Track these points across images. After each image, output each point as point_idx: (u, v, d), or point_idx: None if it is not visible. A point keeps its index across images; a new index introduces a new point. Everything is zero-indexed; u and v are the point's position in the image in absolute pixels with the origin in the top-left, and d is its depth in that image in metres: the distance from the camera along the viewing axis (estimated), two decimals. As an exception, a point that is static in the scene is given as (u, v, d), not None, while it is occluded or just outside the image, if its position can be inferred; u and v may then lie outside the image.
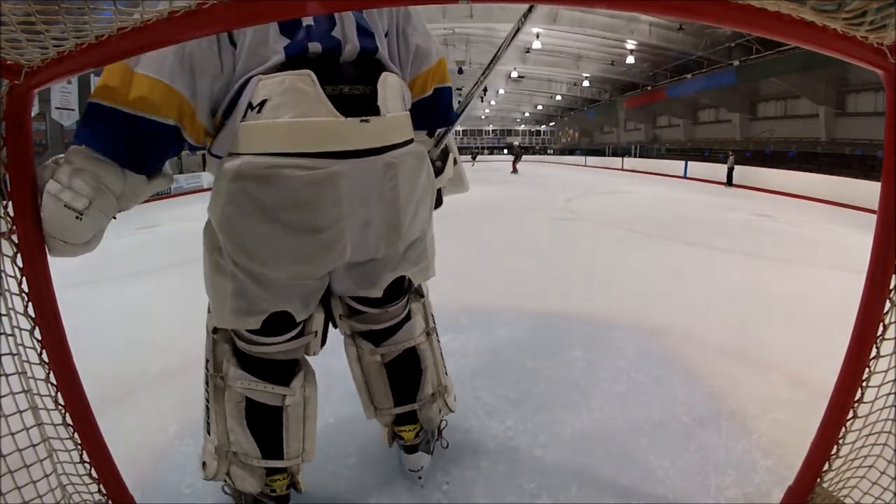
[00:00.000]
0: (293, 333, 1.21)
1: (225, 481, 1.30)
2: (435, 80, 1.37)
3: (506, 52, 1.42)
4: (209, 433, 1.26)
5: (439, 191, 1.48)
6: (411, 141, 1.18)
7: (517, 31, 1.27)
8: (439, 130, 1.39)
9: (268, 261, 1.05)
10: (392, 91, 1.12)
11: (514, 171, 18.54)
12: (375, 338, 1.38)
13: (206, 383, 1.27)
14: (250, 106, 0.99)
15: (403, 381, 1.42)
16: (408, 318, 1.40)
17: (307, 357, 1.36)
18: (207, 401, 1.27)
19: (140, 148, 0.99)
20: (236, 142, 1.01)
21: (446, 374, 1.56)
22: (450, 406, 1.52)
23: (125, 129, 0.96)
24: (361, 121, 1.01)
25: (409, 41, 1.28)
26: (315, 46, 1.03)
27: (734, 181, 13.62)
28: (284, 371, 1.26)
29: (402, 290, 1.33)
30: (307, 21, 1.05)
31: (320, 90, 0.98)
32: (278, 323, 1.15)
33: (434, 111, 1.37)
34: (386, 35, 1.22)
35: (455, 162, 1.50)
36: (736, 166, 13.60)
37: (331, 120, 0.98)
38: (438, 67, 1.39)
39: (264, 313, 1.11)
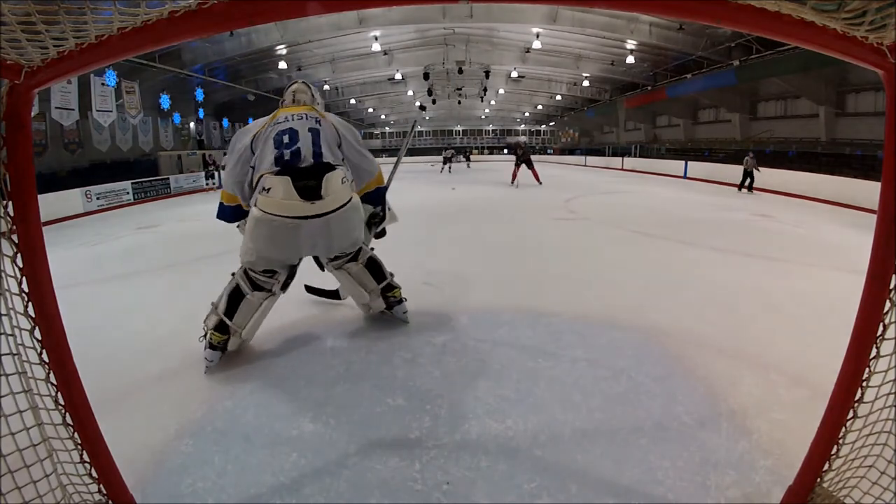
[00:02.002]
0: (269, 276, 2.42)
1: (205, 323, 2.41)
2: (376, 184, 2.63)
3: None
4: (218, 298, 2.43)
5: (383, 227, 2.86)
6: (347, 202, 2.29)
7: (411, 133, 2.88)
8: (378, 209, 2.75)
9: (264, 249, 2.32)
10: (333, 181, 2.22)
11: (515, 180, 12.85)
12: (352, 261, 2.63)
13: (232, 276, 2.46)
14: (263, 188, 2.19)
15: (376, 270, 2.70)
16: (357, 251, 2.63)
17: (275, 291, 2.47)
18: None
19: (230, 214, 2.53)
20: (258, 202, 2.21)
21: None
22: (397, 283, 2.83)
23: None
24: (311, 203, 2.17)
25: (358, 167, 2.51)
26: (286, 153, 2.22)
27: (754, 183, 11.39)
28: (260, 287, 2.41)
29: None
30: (286, 141, 2.24)
31: (292, 186, 2.15)
32: (266, 271, 2.41)
33: (375, 199, 2.67)
34: (339, 146, 2.39)
35: (390, 211, 2.86)
36: (741, 167, 12.96)
37: (296, 203, 2.16)
38: (378, 177, 2.64)
39: (261, 264, 2.38)
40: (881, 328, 1.07)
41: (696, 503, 1.42)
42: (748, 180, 11.65)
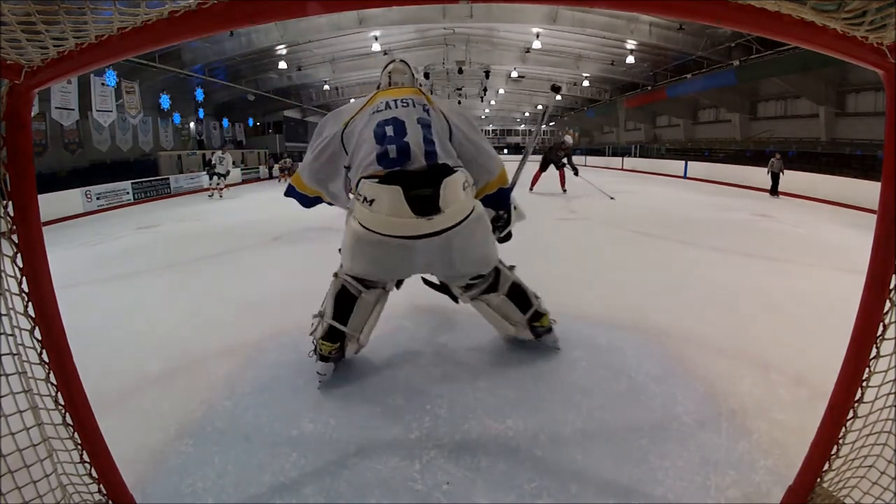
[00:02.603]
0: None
1: (312, 335, 2.15)
2: (498, 184, 2.14)
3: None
4: (322, 305, 2.15)
5: (508, 230, 2.36)
6: (470, 213, 1.83)
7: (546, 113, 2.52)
8: (502, 212, 2.28)
9: (368, 269, 1.99)
10: (452, 189, 1.74)
11: (563, 187, 10.21)
12: (490, 291, 2.20)
13: (334, 277, 2.12)
14: (365, 200, 1.75)
15: (521, 298, 2.24)
16: (496, 276, 2.18)
17: (389, 288, 2.18)
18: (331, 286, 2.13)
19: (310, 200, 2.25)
20: (357, 214, 1.82)
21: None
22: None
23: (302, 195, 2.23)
24: (427, 219, 1.69)
25: (475, 164, 2.00)
26: (392, 149, 1.75)
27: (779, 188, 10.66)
28: (373, 286, 2.05)
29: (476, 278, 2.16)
30: (389, 133, 1.79)
31: (403, 198, 1.67)
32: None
33: (497, 202, 2.18)
34: (450, 138, 1.92)
35: (516, 210, 2.35)
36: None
37: (409, 221, 1.69)
38: (500, 176, 2.14)
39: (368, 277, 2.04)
40: (881, 328, 1.07)
41: (695, 503, 1.42)
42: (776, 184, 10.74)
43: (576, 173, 9.99)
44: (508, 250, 2.49)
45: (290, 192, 2.21)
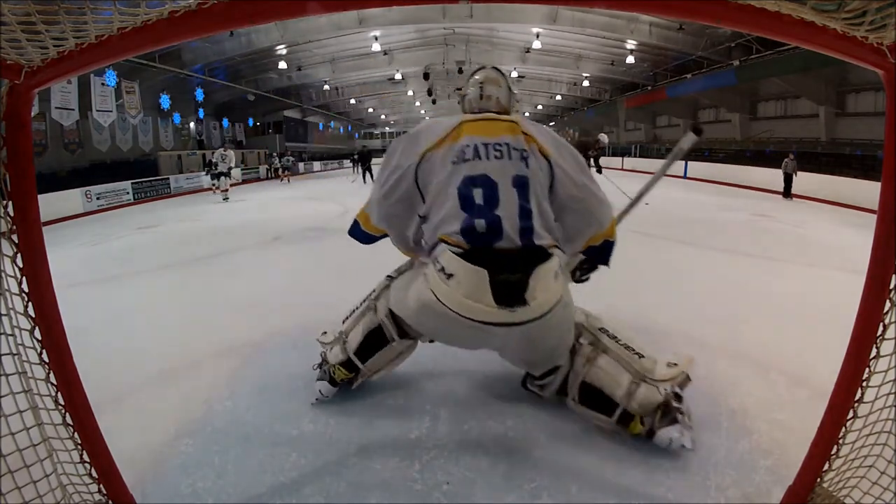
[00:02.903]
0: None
1: (322, 348, 2.08)
2: (605, 236, 1.71)
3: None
4: (343, 322, 2.01)
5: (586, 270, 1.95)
6: (554, 306, 1.48)
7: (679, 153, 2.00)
8: (587, 268, 1.92)
9: (430, 332, 1.78)
10: (543, 280, 1.43)
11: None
12: (560, 392, 1.81)
13: (366, 299, 1.98)
14: (443, 270, 1.44)
15: (597, 400, 1.72)
16: (566, 375, 1.77)
17: (425, 340, 1.93)
18: (359, 306, 1.99)
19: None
20: (431, 281, 1.49)
21: (638, 356, 1.74)
22: (658, 379, 1.70)
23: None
24: (510, 310, 1.40)
25: (583, 215, 1.62)
26: (480, 223, 1.43)
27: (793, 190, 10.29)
28: (409, 336, 1.88)
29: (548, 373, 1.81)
30: (478, 200, 1.46)
31: (487, 284, 1.39)
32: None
33: (601, 255, 1.78)
34: (552, 187, 1.55)
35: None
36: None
37: (490, 309, 1.39)
38: (610, 227, 1.71)
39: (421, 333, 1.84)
40: (881, 328, 1.07)
41: (695, 503, 1.42)
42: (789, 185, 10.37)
43: (599, 171, 10.21)
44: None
45: (355, 232, 1.83)
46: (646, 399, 1.65)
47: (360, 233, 1.81)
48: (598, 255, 1.78)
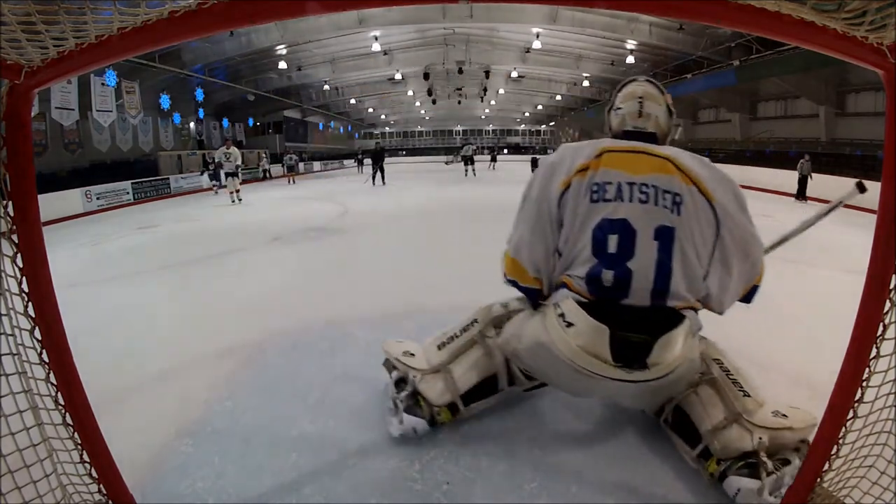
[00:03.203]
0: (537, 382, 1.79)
1: (394, 367, 1.90)
2: (755, 282, 1.51)
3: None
4: (439, 348, 1.81)
5: None
6: (677, 368, 1.35)
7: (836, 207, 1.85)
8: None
9: (542, 375, 1.67)
10: (669, 347, 1.30)
11: None
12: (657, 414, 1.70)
13: (469, 328, 1.82)
14: (563, 317, 1.35)
15: (686, 429, 1.57)
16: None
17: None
18: (458, 335, 1.82)
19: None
20: (549, 325, 1.41)
21: (743, 394, 1.53)
22: (755, 423, 1.46)
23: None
24: (628, 371, 1.29)
25: (745, 257, 1.42)
26: (608, 275, 1.30)
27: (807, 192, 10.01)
28: (512, 383, 1.80)
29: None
30: (611, 248, 1.31)
31: (607, 341, 1.28)
32: None
33: (746, 300, 1.54)
34: (717, 234, 1.36)
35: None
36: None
37: (606, 366, 1.30)
38: (760, 276, 1.52)
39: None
40: (881, 328, 1.07)
41: (695, 503, 1.42)
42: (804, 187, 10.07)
43: None
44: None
45: (517, 289, 1.55)
46: (730, 442, 1.44)
47: (524, 290, 1.53)
48: (743, 299, 1.54)
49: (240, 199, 10.39)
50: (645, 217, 1.31)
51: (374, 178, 13.82)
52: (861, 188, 1.81)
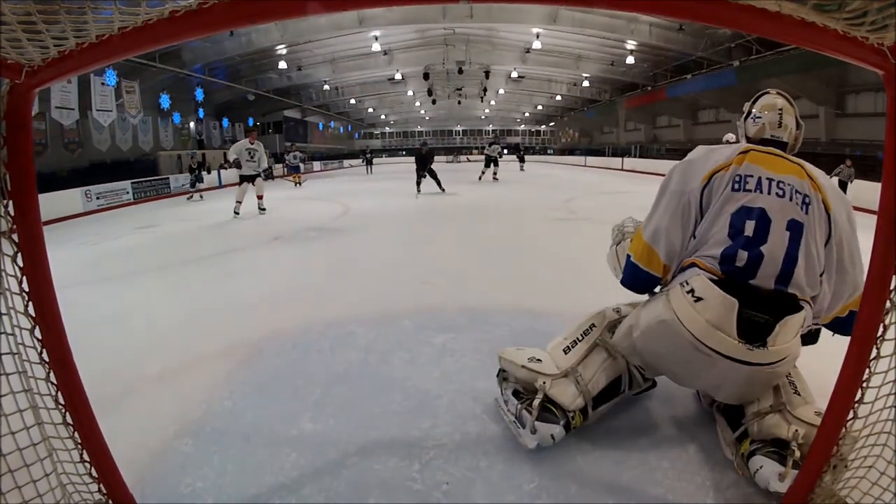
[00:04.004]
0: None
1: (506, 378, 1.89)
2: (853, 306, 1.52)
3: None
4: (565, 352, 1.80)
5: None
6: (786, 357, 1.41)
7: None
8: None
9: (651, 361, 1.67)
10: (789, 330, 1.39)
11: None
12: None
13: (589, 332, 1.82)
14: (692, 292, 1.42)
15: (732, 411, 1.65)
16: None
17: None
18: (581, 338, 1.82)
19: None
20: (674, 302, 1.46)
21: (794, 391, 1.57)
22: (795, 415, 1.49)
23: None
24: (748, 348, 1.37)
25: (846, 273, 1.51)
26: (742, 255, 1.41)
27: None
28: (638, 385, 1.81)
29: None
30: (747, 232, 1.43)
31: (735, 315, 1.37)
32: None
33: (841, 327, 1.59)
34: (827, 243, 1.48)
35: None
36: None
37: (729, 340, 1.37)
38: (859, 297, 1.50)
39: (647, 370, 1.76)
40: (881, 328, 1.07)
41: (695, 503, 1.42)
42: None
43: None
44: (509, 250, 2.47)
45: (634, 280, 1.69)
46: (768, 427, 1.50)
47: (642, 276, 1.64)
48: (839, 327, 1.59)
49: (263, 209, 8.14)
50: (780, 209, 1.44)
51: (419, 184, 10.89)
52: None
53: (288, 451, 1.67)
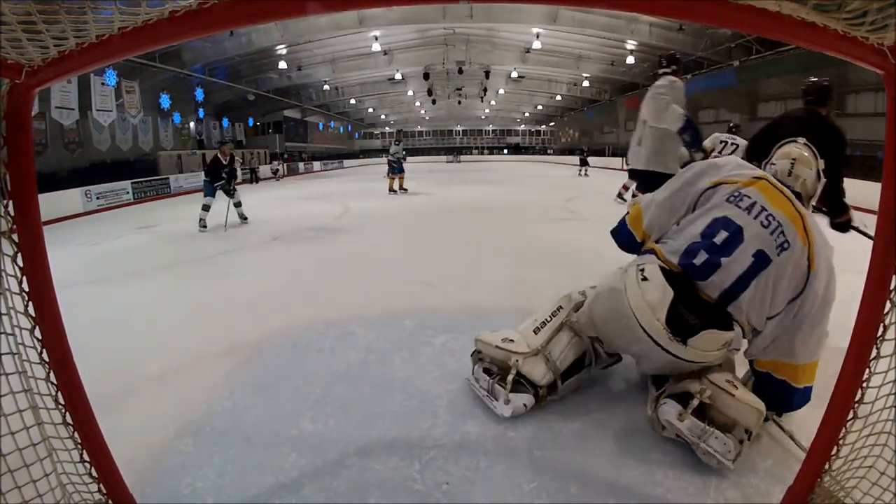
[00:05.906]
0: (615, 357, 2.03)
1: (480, 358, 2.03)
2: (793, 379, 1.62)
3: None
4: (535, 332, 1.94)
5: None
6: (702, 362, 1.55)
7: None
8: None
9: (600, 326, 1.81)
10: (712, 340, 1.49)
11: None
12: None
13: (556, 313, 1.97)
14: (642, 271, 1.58)
15: (658, 379, 1.81)
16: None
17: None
18: (549, 318, 1.97)
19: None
20: (627, 279, 1.60)
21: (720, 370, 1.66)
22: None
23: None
24: (670, 338, 1.49)
25: (790, 345, 1.59)
26: (702, 256, 1.56)
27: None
28: (603, 362, 1.99)
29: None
30: (717, 239, 1.57)
31: (667, 305, 1.50)
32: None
33: (778, 400, 1.68)
34: (795, 299, 1.54)
35: None
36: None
37: (657, 324, 1.50)
38: (803, 372, 1.61)
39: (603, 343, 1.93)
40: (881, 328, 1.07)
41: (695, 503, 1.42)
42: None
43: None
44: (507, 250, 2.47)
45: (620, 232, 2.01)
46: (683, 385, 1.61)
47: (624, 232, 1.97)
48: (775, 399, 1.65)
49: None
50: (756, 236, 1.54)
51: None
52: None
53: (288, 451, 1.67)
